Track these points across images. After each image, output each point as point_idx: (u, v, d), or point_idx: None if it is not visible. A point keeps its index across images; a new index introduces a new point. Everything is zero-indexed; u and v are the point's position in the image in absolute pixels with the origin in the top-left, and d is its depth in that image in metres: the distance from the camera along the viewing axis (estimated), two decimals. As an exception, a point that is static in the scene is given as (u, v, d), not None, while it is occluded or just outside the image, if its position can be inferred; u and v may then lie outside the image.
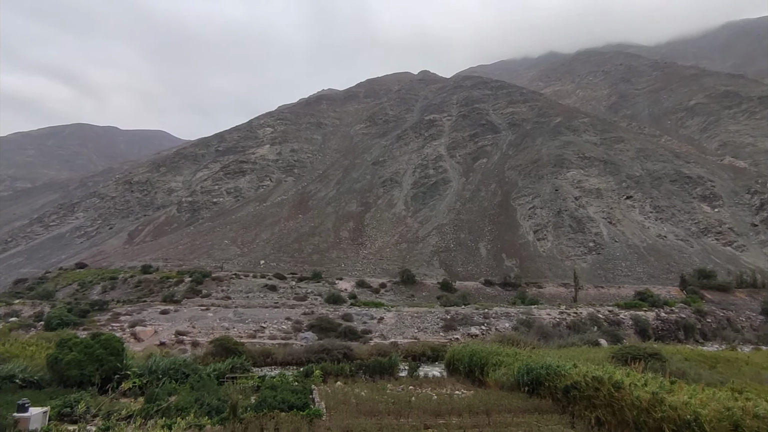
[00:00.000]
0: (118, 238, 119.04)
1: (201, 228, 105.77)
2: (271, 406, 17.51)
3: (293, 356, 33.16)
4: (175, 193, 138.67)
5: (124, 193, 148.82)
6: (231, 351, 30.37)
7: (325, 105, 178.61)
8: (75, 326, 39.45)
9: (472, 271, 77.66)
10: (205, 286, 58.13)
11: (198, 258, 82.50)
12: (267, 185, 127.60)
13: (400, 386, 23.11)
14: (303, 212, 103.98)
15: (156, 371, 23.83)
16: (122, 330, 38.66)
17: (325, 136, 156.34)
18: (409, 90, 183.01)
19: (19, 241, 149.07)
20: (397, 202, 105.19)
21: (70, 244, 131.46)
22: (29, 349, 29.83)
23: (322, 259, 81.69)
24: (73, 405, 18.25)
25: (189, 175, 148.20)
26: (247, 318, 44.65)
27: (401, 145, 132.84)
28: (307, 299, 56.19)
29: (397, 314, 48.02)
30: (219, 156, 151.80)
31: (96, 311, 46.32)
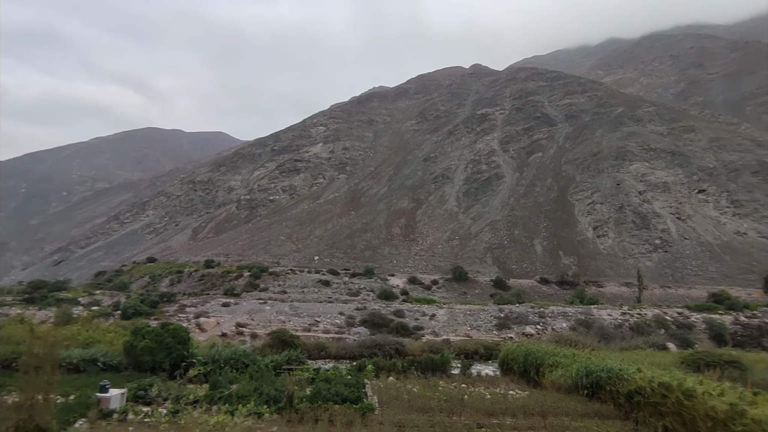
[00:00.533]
0: (184, 235, 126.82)
1: (258, 225, 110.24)
2: (326, 398, 18.00)
3: (346, 350, 33.82)
4: (235, 192, 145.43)
5: (189, 192, 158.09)
6: (287, 343, 31.50)
7: (376, 102, 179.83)
8: (147, 316, 42.53)
9: (526, 268, 75.45)
10: (262, 281, 60.59)
11: (256, 253, 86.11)
12: (320, 183, 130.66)
13: (452, 384, 22.93)
14: (355, 209, 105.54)
15: (218, 360, 25.20)
16: (188, 320, 41.16)
17: (377, 133, 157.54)
18: (460, 84, 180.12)
19: (98, 237, 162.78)
20: (448, 198, 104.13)
21: (142, 240, 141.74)
22: (109, 336, 32.56)
23: (374, 256, 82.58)
24: (146, 388, 19.74)
25: (247, 174, 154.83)
26: (302, 312, 46.07)
27: (453, 140, 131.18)
28: (359, 295, 57.08)
29: (450, 311, 47.63)
30: (275, 155, 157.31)
31: (165, 302, 49.64)
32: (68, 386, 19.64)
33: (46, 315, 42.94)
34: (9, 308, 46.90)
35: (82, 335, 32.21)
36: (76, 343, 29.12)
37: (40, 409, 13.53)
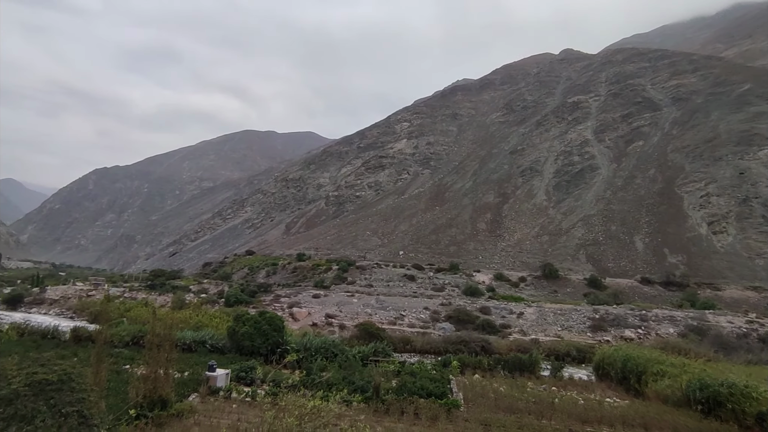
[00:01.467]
0: (278, 229, 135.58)
1: (346, 220, 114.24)
2: (411, 391, 18.23)
3: (431, 345, 33.88)
4: (324, 188, 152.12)
5: (282, 190, 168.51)
6: (373, 336, 32.37)
7: (460, 96, 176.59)
8: (247, 304, 46.27)
9: (625, 267, 69.50)
10: (350, 274, 62.75)
11: (344, 248, 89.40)
12: (405, 178, 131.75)
13: (541, 386, 21.97)
14: (440, 204, 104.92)
15: (310, 348, 26.66)
16: (282, 310, 44.02)
17: (461, 127, 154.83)
18: (549, 72, 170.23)
19: (205, 232, 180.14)
20: (537, 192, 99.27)
21: (242, 234, 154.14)
22: (215, 321, 35.98)
23: (459, 251, 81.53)
24: (247, 370, 21.52)
25: (335, 171, 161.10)
26: (388, 306, 46.98)
27: (541, 131, 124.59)
28: (444, 290, 56.76)
29: (539, 310, 45.54)
30: (360, 152, 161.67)
31: (262, 292, 53.59)
32: (183, 363, 22.08)
33: (164, 300, 48.58)
34: (136, 293, 53.83)
35: (193, 319, 36.00)
36: (189, 325, 32.60)
37: (161, 381, 15.40)
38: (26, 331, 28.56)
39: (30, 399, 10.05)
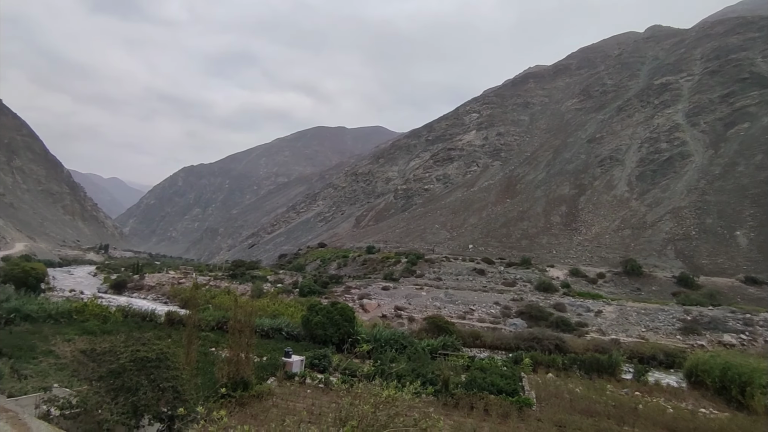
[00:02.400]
0: (348, 222, 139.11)
1: (414, 213, 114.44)
2: (481, 386, 17.96)
3: (501, 341, 33.08)
4: (392, 182, 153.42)
5: (352, 184, 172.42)
6: (442, 329, 32.24)
7: (532, 83, 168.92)
8: (319, 294, 48.11)
9: (723, 264, 62.81)
10: (419, 267, 62.90)
11: (412, 241, 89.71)
12: (474, 171, 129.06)
13: (623, 389, 20.64)
14: (511, 196, 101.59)
15: (379, 339, 27.16)
16: (353, 301, 45.22)
17: (533, 116, 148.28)
18: (632, 52, 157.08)
19: (280, 225, 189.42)
20: (617, 182, 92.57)
21: (314, 227, 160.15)
22: (290, 310, 37.83)
23: (531, 245, 78.52)
24: (320, 358, 22.43)
25: (403, 164, 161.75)
26: (457, 299, 46.52)
27: (623, 117, 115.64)
28: (515, 285, 55.04)
29: (619, 308, 42.65)
30: (429, 145, 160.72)
31: (333, 284, 55.41)
32: (261, 349, 23.51)
33: (244, 288, 51.91)
34: (220, 281, 58.05)
35: (271, 308, 38.11)
36: (266, 313, 34.58)
37: (243, 364, 16.54)
38: (129, 313, 31.94)
39: (134, 373, 11.29)
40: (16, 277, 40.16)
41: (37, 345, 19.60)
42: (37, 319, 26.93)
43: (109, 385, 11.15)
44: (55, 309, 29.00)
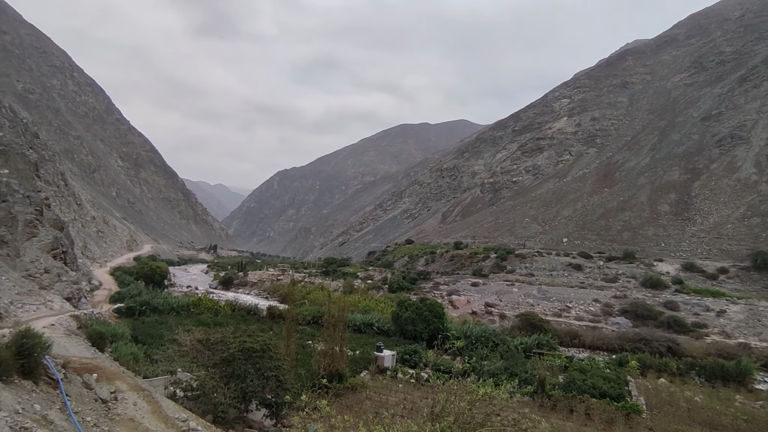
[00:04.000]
0: (434, 218, 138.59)
1: (503, 207, 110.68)
2: (581, 389, 16.89)
3: (603, 341, 30.81)
4: (478, 176, 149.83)
5: (437, 179, 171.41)
6: (536, 327, 30.85)
7: (631, 61, 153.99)
8: (408, 290, 48.61)
9: None
10: (509, 263, 60.75)
11: (501, 235, 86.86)
12: (566, 160, 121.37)
13: (756, 402, 18.10)
14: (609, 185, 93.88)
15: (470, 336, 26.74)
16: (441, 297, 45.03)
17: (633, 96, 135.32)
18: (759, 11, 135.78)
19: (368, 223, 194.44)
20: (742, 164, 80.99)
21: (401, 224, 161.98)
22: (380, 306, 38.74)
23: (634, 237, 71.88)
24: (411, 353, 22.68)
25: (489, 157, 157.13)
26: (551, 296, 44.20)
27: (747, 88, 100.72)
28: (617, 281, 50.80)
29: (748, 308, 37.42)
30: (516, 136, 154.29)
31: (421, 280, 55.63)
32: (354, 343, 24.38)
33: (336, 285, 54.17)
34: (314, 278, 61.21)
35: (362, 303, 39.35)
36: (358, 309, 35.76)
37: (337, 357, 17.29)
38: (236, 307, 34.97)
39: (242, 362, 12.37)
40: (145, 275, 46.05)
41: (164, 334, 22.29)
42: (162, 311, 30.60)
43: (222, 372, 12.34)
44: (176, 303, 32.71)
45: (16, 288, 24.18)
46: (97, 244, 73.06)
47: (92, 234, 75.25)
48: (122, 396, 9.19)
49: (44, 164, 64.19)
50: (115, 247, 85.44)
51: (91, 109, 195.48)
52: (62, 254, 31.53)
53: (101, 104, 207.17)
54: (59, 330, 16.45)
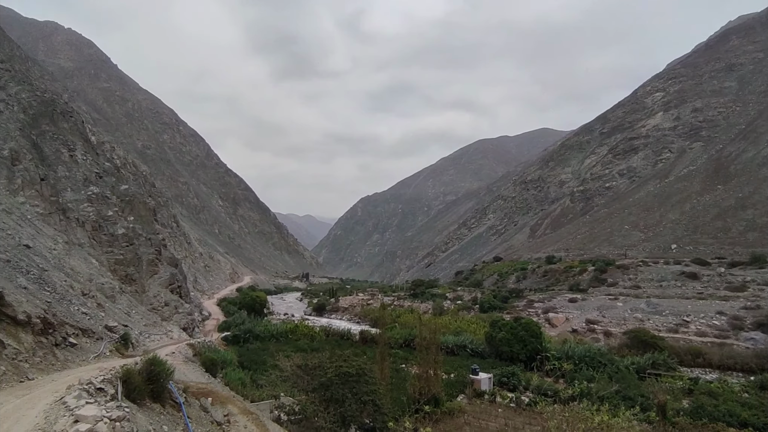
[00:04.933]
0: (522, 233, 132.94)
1: (597, 215, 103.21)
2: (713, 416, 14.83)
3: (735, 360, 26.94)
4: (566, 185, 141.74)
5: (522, 192, 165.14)
6: (648, 345, 27.91)
7: (736, 40, 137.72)
8: (500, 310, 46.75)
9: None
10: (609, 275, 56.05)
11: (598, 246, 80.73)
12: (666, 158, 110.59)
13: None
14: (722, 182, 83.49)
15: (572, 357, 24.87)
16: (537, 315, 42.63)
17: (743, 79, 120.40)
18: None
19: (453, 242, 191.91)
20: None
21: (487, 242, 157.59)
22: (472, 326, 37.65)
23: (762, 239, 62.69)
24: (509, 376, 21.61)
25: (576, 164, 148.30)
26: (663, 309, 39.82)
27: None
28: (746, 290, 44.35)
29: None
30: (604, 138, 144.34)
31: (514, 298, 53.25)
32: (448, 365, 23.86)
33: (426, 307, 53.77)
34: (402, 301, 61.42)
35: (452, 325, 38.55)
36: (449, 330, 35.07)
37: (432, 381, 17.02)
38: (330, 332, 36.11)
39: (339, 387, 12.68)
40: (247, 304, 49.57)
41: (266, 360, 23.64)
42: (264, 338, 32.56)
43: (321, 396, 12.75)
44: (275, 330, 34.66)
45: (144, 320, 27.30)
46: (204, 277, 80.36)
47: (200, 269, 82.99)
48: (234, 419, 9.87)
49: (160, 209, 72.71)
50: (220, 279, 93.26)
51: (195, 157, 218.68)
52: (178, 288, 35.11)
53: (202, 152, 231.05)
54: (179, 357, 18.20)
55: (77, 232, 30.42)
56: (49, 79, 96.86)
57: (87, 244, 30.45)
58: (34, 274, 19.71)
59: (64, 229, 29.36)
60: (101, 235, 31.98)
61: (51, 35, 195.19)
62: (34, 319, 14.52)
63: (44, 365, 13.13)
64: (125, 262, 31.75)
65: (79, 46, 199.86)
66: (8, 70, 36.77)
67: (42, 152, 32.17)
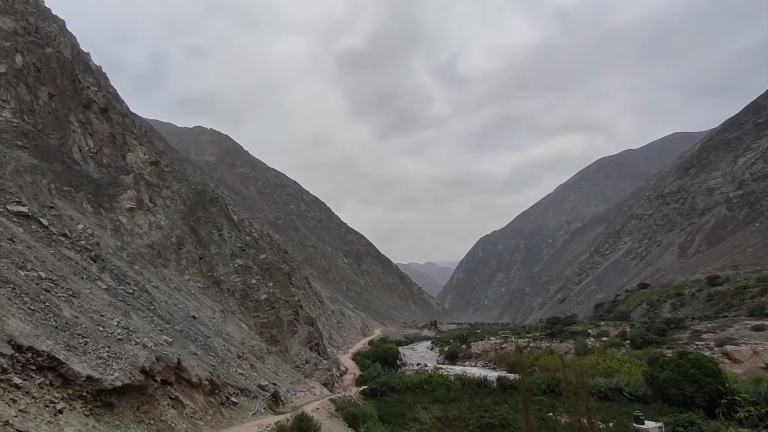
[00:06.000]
0: (669, 254, 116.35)
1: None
2: None
3: None
4: (718, 192, 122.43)
5: (660, 208, 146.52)
6: None
7: None
8: (657, 344, 40.55)
9: None
10: (800, 292, 45.66)
11: (775, 259, 66.98)
12: None
13: None
14: None
15: (770, 398, 20.24)
16: (709, 349, 36.04)
17: None
18: None
19: (587, 272, 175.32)
20: None
21: (627, 267, 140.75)
22: (625, 366, 33.17)
23: None
24: (686, 425, 18.27)
25: (727, 166, 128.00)
26: None
27: None
28: None
29: None
30: (760, 131, 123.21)
31: (673, 329, 45.94)
32: (603, 413, 21.05)
33: (566, 346, 49.04)
34: (539, 342, 56.93)
35: (601, 365, 34.40)
36: (597, 371, 31.31)
37: (587, 431, 15.13)
38: (466, 381, 34.69)
39: (483, 440, 11.97)
40: (380, 357, 50.40)
41: (405, 412, 23.41)
42: (399, 390, 32.49)
43: (465, 451, 12.12)
44: (410, 381, 34.41)
45: (289, 378, 29.30)
46: (338, 333, 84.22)
47: (333, 325, 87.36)
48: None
49: (294, 273, 79.43)
50: (352, 334, 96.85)
51: (318, 220, 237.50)
52: (315, 346, 37.27)
53: (324, 215, 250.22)
54: (323, 413, 18.99)
55: (229, 301, 34.53)
56: (200, 173, 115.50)
57: (237, 311, 34.29)
58: (200, 341, 22.63)
59: (219, 300, 33.58)
60: (248, 302, 35.83)
61: (198, 137, 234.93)
62: (204, 381, 16.55)
63: (214, 423, 14.72)
64: (269, 325, 34.91)
65: (219, 141, 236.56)
66: (171, 172, 44.78)
67: (198, 235, 37.84)
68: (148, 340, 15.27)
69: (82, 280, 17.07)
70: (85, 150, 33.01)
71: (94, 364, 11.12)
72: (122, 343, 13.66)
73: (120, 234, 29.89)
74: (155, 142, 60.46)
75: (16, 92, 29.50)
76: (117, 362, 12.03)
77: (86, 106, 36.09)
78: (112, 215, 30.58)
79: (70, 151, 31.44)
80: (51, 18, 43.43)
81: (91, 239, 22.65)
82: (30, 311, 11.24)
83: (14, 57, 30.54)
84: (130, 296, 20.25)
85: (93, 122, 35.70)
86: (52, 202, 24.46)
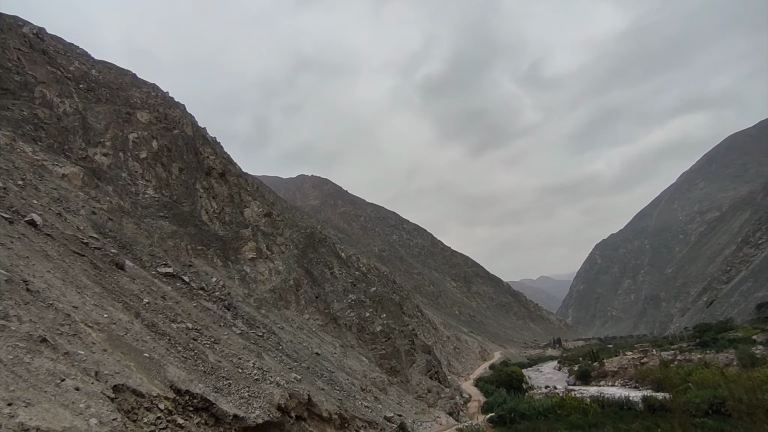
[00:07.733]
0: None
1: None
2: None
3: None
4: None
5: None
6: None
7: None
8: None
9: None
10: None
11: None
12: None
13: None
14: None
15: None
16: None
17: None
18: None
19: (737, 268, 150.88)
20: None
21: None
22: (811, 376, 27.47)
23: None
24: None
25: None
26: None
27: None
28: None
29: None
30: None
31: None
32: (792, 435, 17.50)
33: (726, 357, 42.23)
34: (688, 354, 49.75)
35: (777, 377, 28.88)
36: (774, 385, 26.30)
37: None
38: (605, 403, 31.44)
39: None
40: (503, 381, 48.03)
41: (540, 441, 21.84)
42: (530, 416, 30.47)
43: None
44: (540, 406, 32.14)
45: (414, 408, 29.19)
46: (456, 359, 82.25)
47: (450, 351, 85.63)
48: None
49: (404, 302, 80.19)
50: (471, 359, 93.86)
51: (422, 248, 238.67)
52: (435, 374, 36.81)
53: (427, 241, 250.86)
54: (452, 444, 18.49)
55: (347, 336, 35.87)
56: (307, 218, 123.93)
57: (356, 345, 35.43)
58: (326, 376, 23.72)
59: (338, 335, 35.07)
60: (364, 335, 36.88)
61: (302, 184, 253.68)
62: (333, 415, 17.24)
63: (347, 457, 15.14)
64: (387, 356, 35.42)
65: (320, 185, 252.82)
66: (282, 220, 48.80)
67: (312, 275, 40.31)
68: (280, 378, 16.43)
69: (220, 327, 19.10)
70: (210, 212, 37.55)
71: (237, 403, 12.24)
72: (259, 382, 14.88)
73: (246, 282, 33.04)
74: (266, 195, 66.66)
75: (155, 172, 34.86)
76: (256, 401, 13.11)
77: (208, 173, 41.27)
78: (237, 266, 34.02)
79: (199, 215, 35.97)
80: (174, 104, 50.96)
81: (223, 290, 25.39)
82: (183, 358, 12.83)
83: (151, 143, 36.27)
84: (260, 338, 22.10)
85: (214, 186, 40.61)
86: (190, 261, 28.03)
